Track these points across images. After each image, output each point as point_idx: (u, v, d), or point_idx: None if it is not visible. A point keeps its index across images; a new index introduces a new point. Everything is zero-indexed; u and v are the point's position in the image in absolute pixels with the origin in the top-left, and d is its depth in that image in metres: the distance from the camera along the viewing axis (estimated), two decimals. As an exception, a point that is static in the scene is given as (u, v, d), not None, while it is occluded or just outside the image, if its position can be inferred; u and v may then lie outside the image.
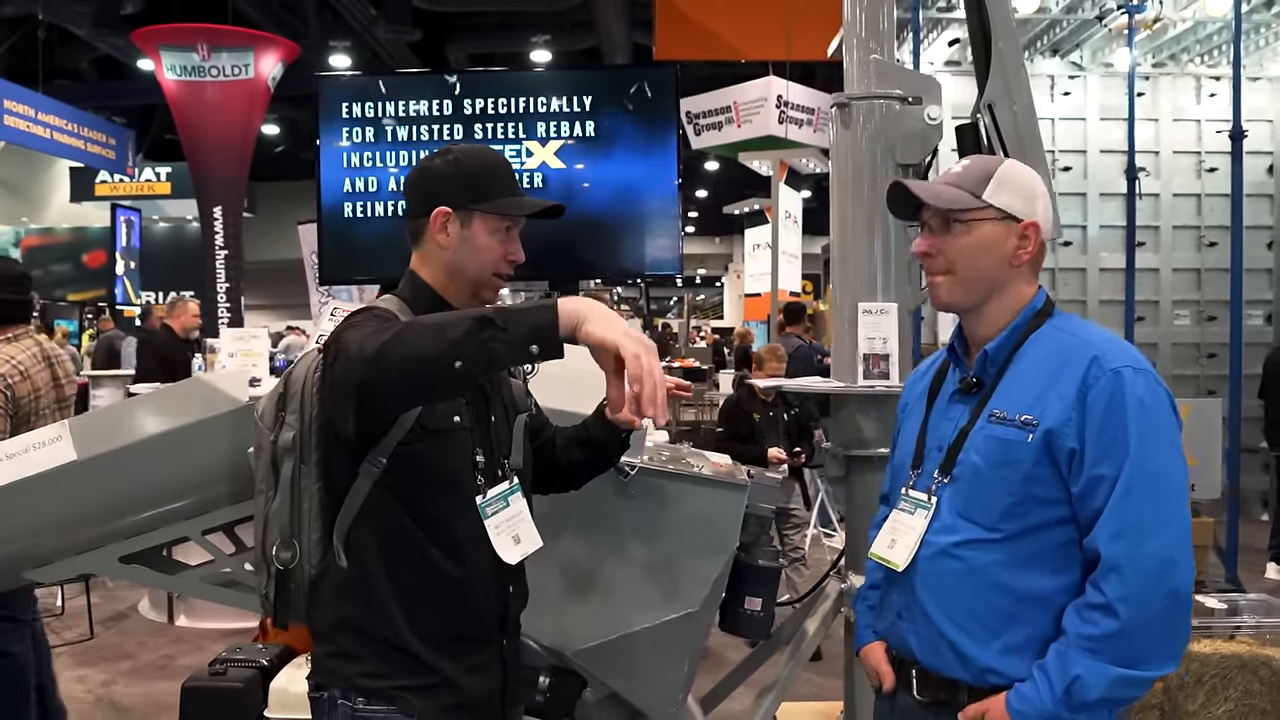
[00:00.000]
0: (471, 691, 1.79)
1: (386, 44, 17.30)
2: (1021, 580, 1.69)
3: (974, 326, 1.84)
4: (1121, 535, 1.60)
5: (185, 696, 2.71)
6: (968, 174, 1.80)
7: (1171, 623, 1.62)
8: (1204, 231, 8.44)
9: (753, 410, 5.31)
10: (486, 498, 1.80)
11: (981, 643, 1.70)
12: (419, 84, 4.47)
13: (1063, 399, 1.66)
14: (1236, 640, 2.72)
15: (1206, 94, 8.49)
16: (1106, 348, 1.69)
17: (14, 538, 2.32)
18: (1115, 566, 1.60)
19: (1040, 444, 1.66)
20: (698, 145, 12.64)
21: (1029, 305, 1.80)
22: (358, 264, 3.89)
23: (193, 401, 2.38)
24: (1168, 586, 1.60)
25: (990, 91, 2.79)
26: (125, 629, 5.63)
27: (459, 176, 1.81)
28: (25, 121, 13.80)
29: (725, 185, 26.02)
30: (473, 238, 1.81)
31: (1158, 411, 1.66)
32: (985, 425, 1.74)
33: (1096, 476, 1.63)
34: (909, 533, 1.79)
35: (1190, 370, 8.52)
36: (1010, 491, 1.69)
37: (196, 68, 13.34)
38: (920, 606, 1.77)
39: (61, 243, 18.65)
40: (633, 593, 2.35)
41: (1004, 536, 1.69)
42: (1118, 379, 1.65)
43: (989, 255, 1.77)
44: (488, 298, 1.88)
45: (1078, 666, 1.60)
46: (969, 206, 1.77)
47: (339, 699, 1.75)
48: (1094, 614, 1.61)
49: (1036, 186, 1.82)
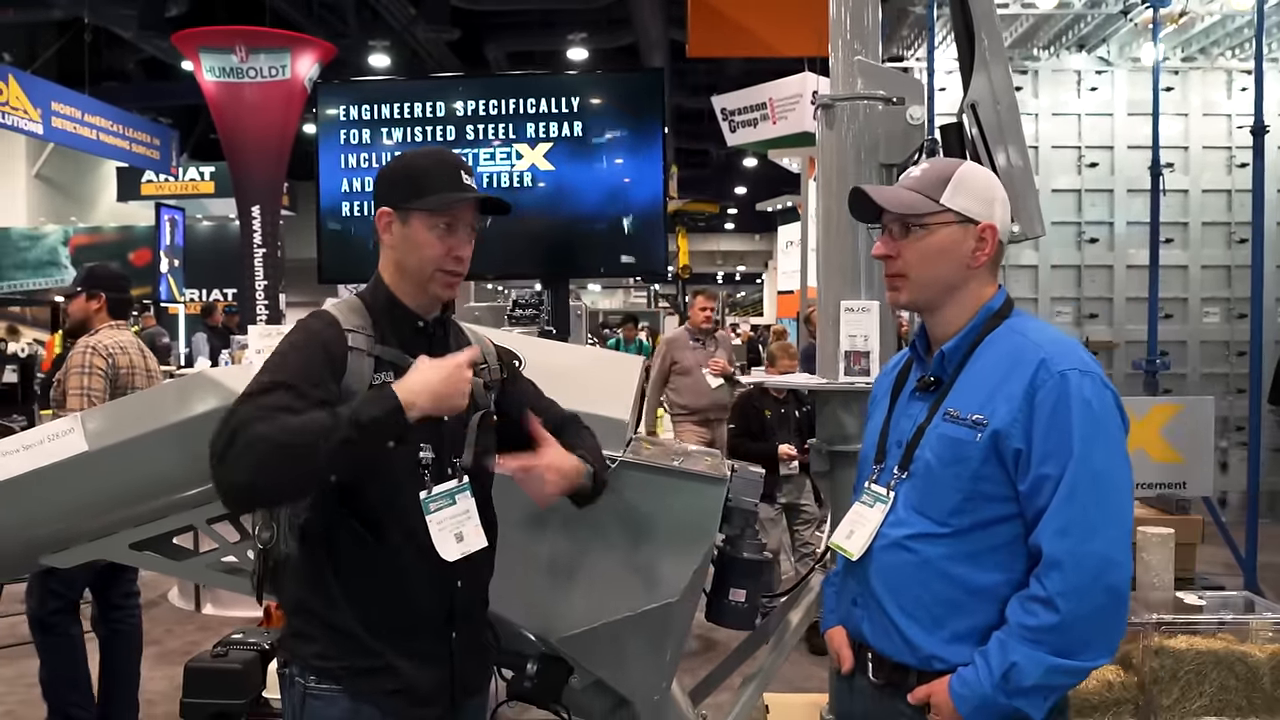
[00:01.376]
0: (414, 679, 1.85)
1: (425, 43, 17.49)
2: (968, 573, 1.76)
3: (933, 326, 1.90)
4: (1065, 533, 1.67)
5: (188, 676, 2.83)
6: (926, 177, 1.86)
7: (1108, 617, 1.69)
8: (1234, 228, 8.32)
9: (764, 407, 5.35)
10: (430, 494, 1.85)
11: (928, 630, 1.78)
12: (412, 87, 4.57)
13: (1010, 400, 1.72)
14: (1214, 636, 2.74)
15: (1237, 88, 8.36)
16: (1054, 350, 1.74)
17: (30, 524, 2.44)
18: (1058, 563, 1.67)
19: (988, 444, 1.73)
20: (733, 142, 12.62)
21: (986, 305, 1.85)
22: (355, 263, 3.99)
23: (197, 395, 2.48)
24: (1106, 583, 1.66)
25: (974, 91, 2.82)
26: (154, 616, 5.79)
27: (400, 176, 1.89)
28: (72, 123, 14.13)
29: (764, 182, 25.98)
30: (412, 235, 1.87)
31: (1103, 413, 1.71)
32: (940, 423, 1.80)
33: (1042, 476, 1.69)
34: (866, 524, 1.87)
35: (1220, 368, 8.40)
36: (960, 489, 1.76)
37: (235, 69, 13.59)
38: (873, 594, 1.85)
39: (108, 241, 19.03)
40: (614, 582, 2.41)
41: (953, 531, 1.77)
42: (1064, 381, 1.70)
43: (947, 258, 1.83)
44: (439, 294, 1.92)
45: (1016, 654, 1.67)
46: (927, 211, 1.82)
47: (295, 676, 1.85)
48: (1036, 606, 1.68)
49: (994, 189, 1.87)
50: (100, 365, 3.82)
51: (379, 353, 1.83)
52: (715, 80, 18.40)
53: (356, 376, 1.79)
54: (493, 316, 3.88)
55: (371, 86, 4.80)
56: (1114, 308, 8.42)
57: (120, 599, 4.09)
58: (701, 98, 17.32)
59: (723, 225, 36.18)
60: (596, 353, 3.07)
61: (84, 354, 3.85)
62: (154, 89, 19.99)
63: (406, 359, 1.83)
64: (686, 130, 24.19)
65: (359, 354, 1.81)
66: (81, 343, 3.91)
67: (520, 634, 2.43)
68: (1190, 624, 2.79)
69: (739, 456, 5.01)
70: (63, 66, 17.19)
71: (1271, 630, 2.81)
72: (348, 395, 1.76)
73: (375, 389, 1.72)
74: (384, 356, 1.83)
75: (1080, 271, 8.43)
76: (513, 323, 3.99)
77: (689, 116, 22.72)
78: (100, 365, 3.82)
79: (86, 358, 3.83)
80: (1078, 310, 8.43)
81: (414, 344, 1.89)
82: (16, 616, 4.77)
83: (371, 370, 1.81)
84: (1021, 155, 2.80)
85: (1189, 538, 3.10)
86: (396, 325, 1.89)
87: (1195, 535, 3.13)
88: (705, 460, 2.61)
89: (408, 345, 1.88)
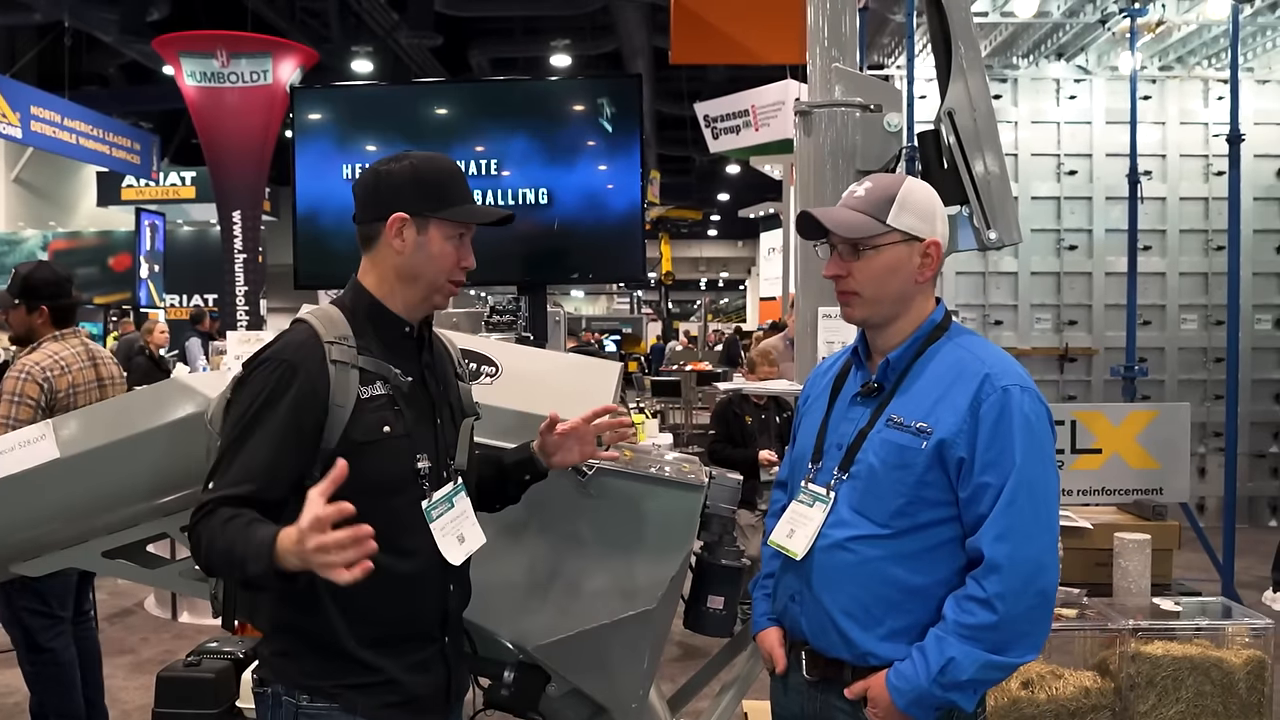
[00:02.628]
0: (414, 688, 1.83)
1: (409, 49, 17.48)
2: (906, 574, 1.84)
3: (878, 338, 1.96)
4: (1005, 538, 1.76)
5: (160, 686, 2.80)
6: (870, 198, 1.91)
7: (1038, 618, 1.80)
8: (1211, 235, 8.39)
9: (745, 413, 5.35)
10: (432, 501, 1.83)
11: (865, 628, 1.86)
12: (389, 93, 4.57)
13: (955, 411, 1.81)
14: (1190, 642, 2.75)
15: (1214, 97, 8.44)
16: (997, 366, 1.84)
17: (1, 531, 2.41)
18: (997, 566, 1.76)
19: (933, 451, 1.81)
20: (715, 149, 12.67)
21: (929, 318, 1.93)
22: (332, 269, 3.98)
23: (170, 401, 2.46)
24: (1038, 586, 1.78)
25: (951, 98, 2.82)
26: (129, 624, 5.75)
27: (416, 182, 1.83)
28: (51, 127, 14.06)
29: (746, 189, 26.05)
30: (428, 244, 1.83)
31: (1039, 428, 1.81)
32: (883, 429, 1.87)
33: (983, 484, 1.78)
34: (807, 524, 1.93)
35: (1197, 375, 8.47)
36: (902, 493, 1.83)
37: (216, 74, 13.56)
38: (813, 593, 1.91)
39: (88, 246, 18.87)
40: (590, 590, 2.39)
41: (894, 533, 1.84)
42: (1006, 396, 1.80)
43: (896, 275, 1.90)
44: (439, 303, 1.90)
45: (954, 650, 1.76)
46: (874, 233, 1.88)
47: (283, 695, 1.80)
48: (973, 606, 1.77)
49: (935, 205, 1.93)
50: (32, 395, 3.54)
51: (363, 364, 1.79)
52: (698, 87, 18.46)
53: (342, 392, 1.75)
54: (470, 322, 3.86)
55: (348, 91, 4.79)
56: (1093, 314, 8.47)
57: (81, 614, 3.99)
58: (684, 104, 17.37)
59: (706, 232, 36.27)
60: (573, 358, 3.06)
61: (18, 379, 3.56)
62: (135, 93, 19.89)
63: (391, 370, 1.81)
64: (669, 137, 24.24)
65: (343, 367, 1.76)
66: (18, 365, 3.61)
67: (497, 642, 2.42)
68: (1167, 630, 2.80)
69: (720, 463, 5.01)
70: (43, 70, 17.09)
71: (1248, 636, 2.82)
72: (335, 411, 1.74)
73: (265, 537, 1.58)
74: (368, 368, 1.80)
75: (1059, 278, 8.48)
76: (490, 329, 3.98)
77: (672, 123, 22.77)
78: (32, 395, 3.54)
79: (19, 385, 3.54)
80: (1057, 317, 8.49)
81: (400, 350, 1.87)
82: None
83: (358, 383, 1.77)
84: (998, 162, 2.82)
85: (1166, 543, 3.11)
86: (380, 332, 1.85)
87: (1172, 541, 3.14)
88: (682, 466, 2.61)
89: (392, 352, 1.85)
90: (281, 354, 1.76)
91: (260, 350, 1.82)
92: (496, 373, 2.53)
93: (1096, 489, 3.44)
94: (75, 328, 3.87)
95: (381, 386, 1.80)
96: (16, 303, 3.72)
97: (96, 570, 2.52)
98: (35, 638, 3.70)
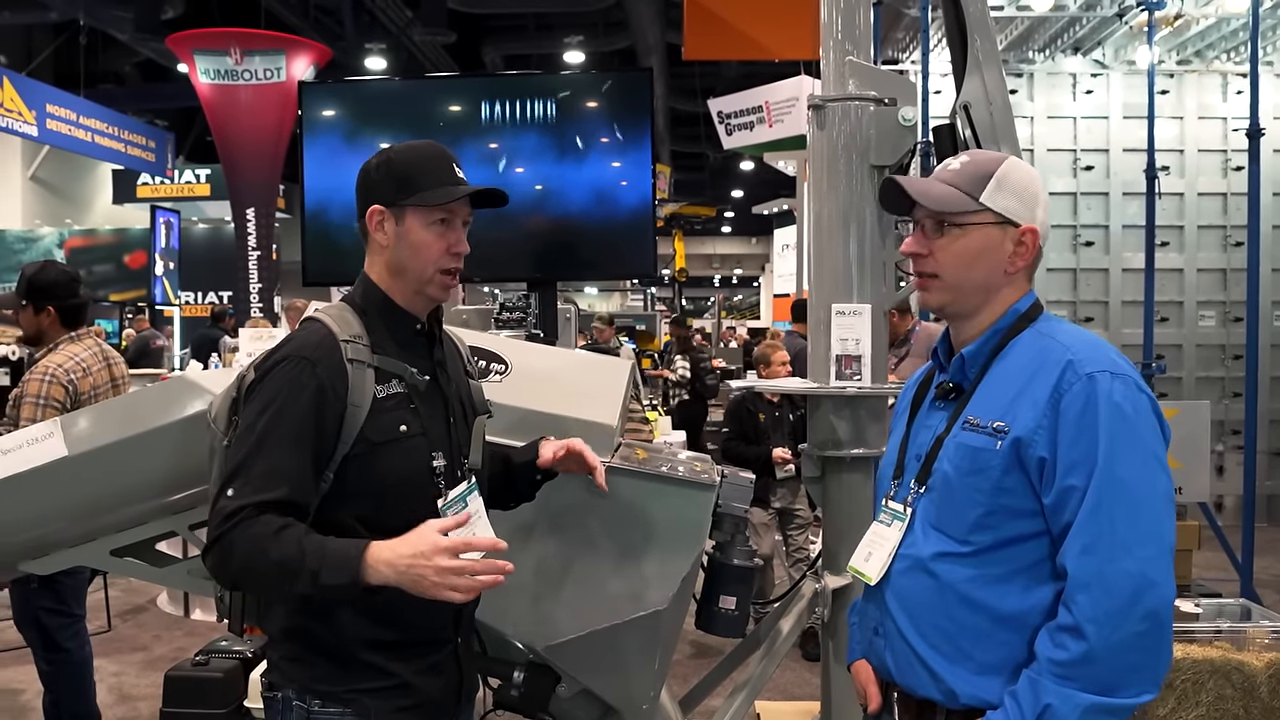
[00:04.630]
0: (427, 692, 1.81)
1: (422, 46, 17.48)
2: (994, 598, 1.61)
3: (959, 331, 1.77)
4: (1091, 551, 1.51)
5: (168, 685, 2.79)
6: (966, 171, 1.72)
7: (1149, 646, 1.50)
8: (1229, 231, 8.31)
9: (758, 410, 5.31)
10: (447, 500, 1.80)
11: (953, 662, 1.63)
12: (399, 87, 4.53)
13: (1034, 405, 1.58)
14: (1210, 645, 2.71)
15: (1233, 91, 8.36)
16: (1083, 351, 1.60)
17: (9, 530, 2.40)
18: (1084, 585, 1.51)
19: (1009, 452, 1.58)
20: (729, 145, 12.64)
21: (1012, 308, 1.72)
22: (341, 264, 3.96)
23: (178, 399, 2.44)
24: (1144, 608, 1.49)
25: (967, 92, 2.78)
26: (142, 622, 5.76)
27: (390, 173, 1.79)
28: (67, 125, 14.10)
29: (760, 185, 26.00)
30: (408, 233, 1.79)
31: (1136, 419, 1.56)
32: (959, 432, 1.66)
33: (1068, 487, 1.54)
34: (884, 545, 1.74)
35: (1216, 372, 8.39)
36: (980, 502, 1.61)
37: (230, 71, 13.59)
38: (894, 622, 1.71)
39: (104, 244, 18.94)
40: (601, 590, 2.37)
41: (975, 550, 1.62)
42: (1092, 384, 1.56)
43: (982, 261, 1.70)
44: (435, 295, 1.85)
45: (1049, 695, 1.50)
46: (964, 209, 1.69)
47: (294, 700, 1.77)
48: (1063, 637, 1.51)
49: (1038, 188, 1.74)
50: (58, 398, 3.52)
51: (379, 363, 1.76)
52: (712, 83, 18.42)
53: (359, 391, 1.72)
54: (480, 320, 3.84)
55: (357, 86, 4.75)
56: (1109, 311, 8.40)
57: None
58: (698, 101, 17.33)
59: (719, 228, 36.21)
60: (583, 355, 3.04)
61: (42, 382, 3.53)
62: (150, 91, 19.97)
63: (407, 368, 1.79)
64: (683, 133, 24.19)
65: (359, 366, 1.73)
66: (40, 367, 3.59)
67: (507, 642, 2.40)
68: (1187, 632, 2.75)
69: (733, 460, 4.98)
70: (58, 69, 17.18)
71: (1268, 638, 2.77)
72: (352, 411, 1.71)
73: (350, 549, 1.61)
74: (384, 367, 1.77)
75: (1076, 275, 8.42)
76: (500, 326, 3.95)
77: (685, 119, 22.73)
78: (58, 398, 3.52)
79: (44, 387, 3.52)
80: (1073, 313, 8.42)
81: (412, 347, 1.84)
82: (3, 622, 4.72)
83: (374, 382, 1.75)
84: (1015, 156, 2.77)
85: (1186, 544, 3.07)
86: (393, 329, 1.82)
87: (1192, 541, 3.10)
88: (695, 465, 2.58)
89: (405, 350, 1.82)
90: (300, 352, 1.72)
91: (275, 349, 1.78)
92: (506, 370, 2.50)
93: (1114, 488, 3.39)
94: (89, 328, 3.84)
95: (397, 385, 1.77)
96: (24, 304, 3.70)
97: (105, 569, 2.51)
98: (53, 636, 3.69)
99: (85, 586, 3.83)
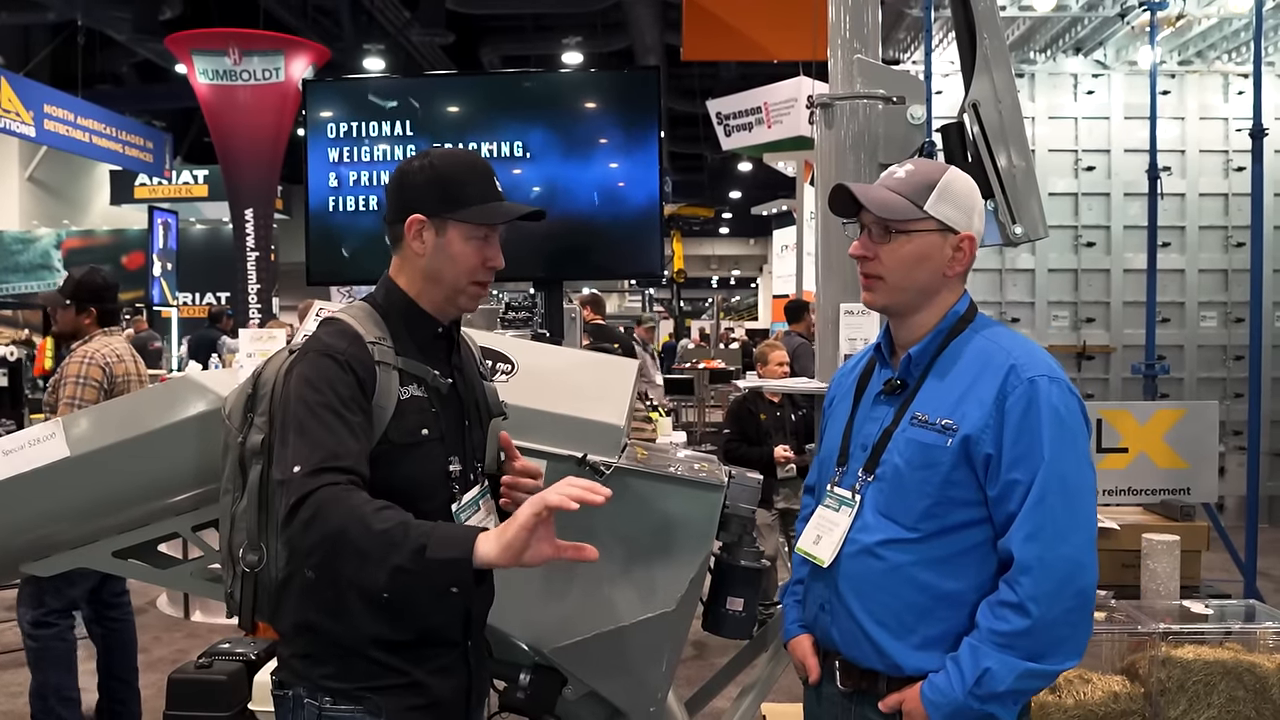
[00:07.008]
0: (438, 692, 1.80)
1: (420, 46, 17.45)
2: (937, 579, 1.77)
3: (901, 331, 1.90)
4: (1035, 538, 1.68)
5: (171, 688, 2.78)
6: (910, 181, 1.83)
7: (1077, 621, 1.71)
8: (1231, 232, 8.31)
9: (760, 411, 5.31)
10: (461, 504, 1.80)
11: (898, 637, 1.79)
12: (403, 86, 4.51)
13: (981, 405, 1.74)
14: (1221, 646, 2.69)
15: (1235, 91, 8.35)
16: (1024, 356, 1.76)
17: (10, 532, 2.38)
18: (1028, 568, 1.68)
19: (958, 448, 1.73)
20: (728, 146, 12.62)
21: (952, 310, 1.86)
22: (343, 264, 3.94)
23: (182, 399, 2.43)
24: (1076, 587, 1.69)
25: (975, 91, 2.77)
26: (142, 624, 5.69)
27: (434, 182, 1.79)
28: (65, 126, 14.07)
29: (759, 186, 26.00)
30: (448, 245, 1.79)
31: (1070, 420, 1.73)
32: (907, 427, 1.80)
33: (1012, 481, 1.71)
34: (833, 529, 1.87)
35: (1217, 373, 8.39)
36: (929, 494, 1.76)
37: (228, 72, 13.56)
38: (842, 601, 1.85)
39: (101, 245, 18.89)
40: (608, 592, 2.36)
41: (922, 536, 1.77)
42: (1033, 388, 1.72)
43: (924, 265, 1.83)
44: (465, 305, 1.86)
45: (989, 660, 1.69)
46: (909, 217, 1.80)
47: (305, 698, 1.76)
48: (1006, 611, 1.69)
49: (975, 198, 1.87)
50: (96, 378, 3.84)
51: (403, 365, 1.76)
52: (710, 84, 18.41)
53: (385, 393, 1.72)
54: (485, 320, 3.82)
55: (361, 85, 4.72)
56: (1111, 312, 8.40)
57: (113, 598, 4.12)
58: (696, 102, 17.32)
59: (718, 229, 36.21)
60: (590, 356, 3.02)
61: (81, 364, 3.85)
62: (148, 92, 19.92)
63: (430, 371, 1.79)
64: (681, 134, 24.18)
65: (385, 368, 1.73)
66: (80, 352, 3.91)
67: (513, 644, 2.38)
68: (1197, 634, 2.74)
69: (735, 461, 4.96)
70: (56, 69, 17.12)
71: (1277, 638, 2.76)
72: (377, 412, 1.70)
73: (458, 529, 1.63)
74: (408, 369, 1.77)
75: (1077, 275, 8.41)
76: (505, 326, 3.94)
77: (684, 120, 22.71)
78: (96, 378, 3.84)
79: (83, 368, 3.84)
80: (1075, 314, 8.41)
81: (432, 350, 1.84)
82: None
83: (398, 384, 1.74)
84: (1024, 156, 2.76)
85: (1194, 545, 3.05)
86: (413, 332, 1.83)
87: (1201, 542, 3.08)
88: (702, 466, 2.56)
89: (425, 353, 1.83)
90: (334, 348, 1.71)
91: (308, 341, 1.76)
92: (512, 370, 2.49)
93: (1123, 489, 3.38)
94: (119, 329, 4.25)
95: (418, 388, 1.77)
96: (67, 303, 4.04)
97: (107, 570, 2.49)
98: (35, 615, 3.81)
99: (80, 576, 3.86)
